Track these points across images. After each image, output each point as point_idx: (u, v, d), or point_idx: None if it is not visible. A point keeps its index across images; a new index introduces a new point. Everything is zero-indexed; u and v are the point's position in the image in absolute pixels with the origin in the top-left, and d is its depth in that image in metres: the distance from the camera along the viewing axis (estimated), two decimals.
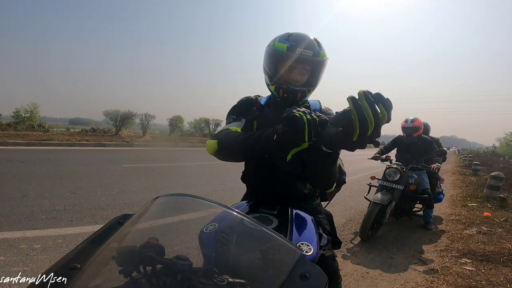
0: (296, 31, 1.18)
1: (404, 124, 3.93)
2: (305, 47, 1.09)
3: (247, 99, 1.27)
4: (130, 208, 3.66)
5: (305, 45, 1.10)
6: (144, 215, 0.73)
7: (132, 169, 6.53)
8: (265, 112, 1.21)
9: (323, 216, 1.22)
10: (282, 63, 1.14)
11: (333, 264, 1.05)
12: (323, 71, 1.17)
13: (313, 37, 1.14)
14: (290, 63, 1.12)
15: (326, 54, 1.15)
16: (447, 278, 2.42)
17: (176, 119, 25.76)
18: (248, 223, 0.71)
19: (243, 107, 1.24)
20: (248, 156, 1.12)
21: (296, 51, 1.09)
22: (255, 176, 1.22)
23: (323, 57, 1.13)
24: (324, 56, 1.13)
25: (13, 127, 14.95)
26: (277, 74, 1.15)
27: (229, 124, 1.18)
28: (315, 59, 1.11)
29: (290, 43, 1.11)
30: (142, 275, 0.62)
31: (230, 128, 1.14)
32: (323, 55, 1.13)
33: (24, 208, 3.26)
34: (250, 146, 0.99)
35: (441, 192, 4.50)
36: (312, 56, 1.10)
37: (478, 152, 26.60)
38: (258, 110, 1.22)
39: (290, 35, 1.14)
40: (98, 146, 11.24)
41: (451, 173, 11.31)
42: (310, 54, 1.09)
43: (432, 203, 3.82)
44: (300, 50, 1.09)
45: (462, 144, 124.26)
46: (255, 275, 0.67)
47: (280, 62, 1.14)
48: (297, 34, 1.14)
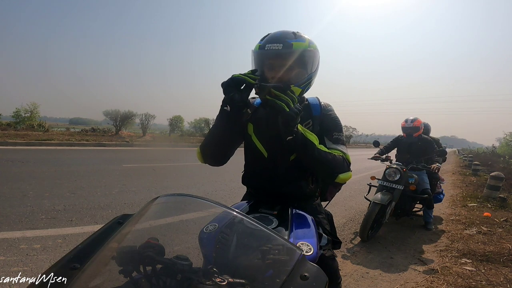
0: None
1: (404, 124, 3.92)
2: (273, 41, 1.04)
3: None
4: (130, 208, 3.66)
5: (275, 39, 1.05)
6: (144, 215, 0.73)
7: (132, 169, 6.53)
8: (259, 113, 1.19)
9: (323, 216, 1.22)
10: (256, 63, 1.11)
11: (333, 264, 1.05)
12: (303, 63, 1.09)
13: (292, 31, 1.09)
14: (261, 61, 1.09)
15: (305, 45, 1.07)
16: (447, 278, 2.42)
17: (176, 119, 25.77)
18: (248, 223, 0.71)
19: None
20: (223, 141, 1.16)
21: (265, 47, 1.05)
22: (257, 176, 1.21)
23: (297, 48, 1.05)
24: (299, 47, 1.05)
25: (13, 127, 14.96)
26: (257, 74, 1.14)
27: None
28: (286, 51, 1.04)
29: (262, 42, 1.08)
30: (142, 275, 0.62)
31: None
32: (298, 46, 1.05)
33: (24, 208, 3.26)
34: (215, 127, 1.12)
35: (441, 192, 4.49)
36: (282, 49, 1.03)
37: (478, 152, 26.60)
38: (252, 111, 1.19)
39: (267, 35, 1.10)
40: (98, 146, 11.24)
41: (451, 173, 11.31)
42: (279, 47, 1.03)
43: (432, 203, 3.81)
44: (268, 45, 1.04)
45: (462, 144, 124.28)
46: (255, 275, 0.67)
47: (255, 62, 1.11)
48: (272, 33, 1.10)
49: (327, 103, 1.22)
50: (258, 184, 1.22)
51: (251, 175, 1.25)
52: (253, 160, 1.23)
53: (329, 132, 1.15)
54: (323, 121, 1.16)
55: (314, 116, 1.16)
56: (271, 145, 1.15)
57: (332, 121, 1.17)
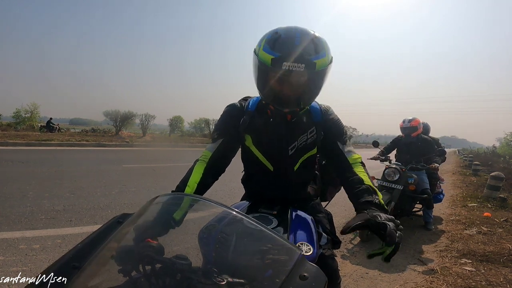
0: (288, 27, 0.95)
1: (402, 124, 3.91)
2: (294, 60, 0.87)
3: (231, 109, 1.15)
4: (130, 209, 3.65)
5: (294, 56, 0.88)
6: (144, 214, 0.73)
7: (132, 170, 6.52)
8: (256, 123, 1.11)
9: (323, 215, 1.21)
10: (268, 78, 0.95)
11: (333, 263, 1.05)
12: (322, 82, 0.98)
13: (310, 37, 0.91)
14: (277, 79, 0.94)
15: (326, 60, 0.93)
16: (447, 279, 2.42)
17: (176, 119, 25.76)
18: (247, 223, 0.71)
19: (226, 123, 1.13)
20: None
21: (282, 65, 0.88)
22: (262, 186, 1.18)
23: (321, 67, 0.91)
24: (323, 65, 0.92)
25: (13, 127, 14.96)
26: (264, 90, 1.00)
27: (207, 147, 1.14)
28: (308, 74, 0.90)
29: (275, 54, 0.90)
30: (141, 275, 0.62)
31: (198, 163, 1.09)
32: (322, 64, 0.91)
33: (24, 208, 3.25)
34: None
35: (441, 192, 4.48)
36: (305, 69, 0.88)
37: (478, 152, 26.56)
38: (247, 120, 1.10)
39: (277, 40, 0.91)
40: (98, 147, 11.24)
41: (451, 173, 11.30)
42: (301, 68, 0.88)
43: (431, 203, 3.80)
44: (287, 64, 0.87)
45: (462, 144, 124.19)
46: (255, 275, 0.67)
47: (266, 76, 0.96)
48: (285, 37, 0.91)
49: (326, 106, 1.17)
50: (262, 191, 1.19)
51: (254, 183, 1.23)
52: (257, 172, 1.19)
53: (340, 137, 1.10)
54: (327, 126, 1.12)
55: (316, 123, 1.11)
56: (275, 158, 1.13)
57: (337, 125, 1.13)
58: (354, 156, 1.07)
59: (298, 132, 1.10)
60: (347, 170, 1.03)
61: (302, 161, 1.14)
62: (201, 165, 1.08)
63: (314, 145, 1.13)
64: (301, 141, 1.10)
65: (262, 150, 1.13)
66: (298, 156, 1.13)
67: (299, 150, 1.11)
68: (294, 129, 1.10)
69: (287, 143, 1.10)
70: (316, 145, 1.13)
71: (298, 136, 1.10)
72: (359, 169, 1.03)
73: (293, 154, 1.12)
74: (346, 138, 1.12)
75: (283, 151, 1.11)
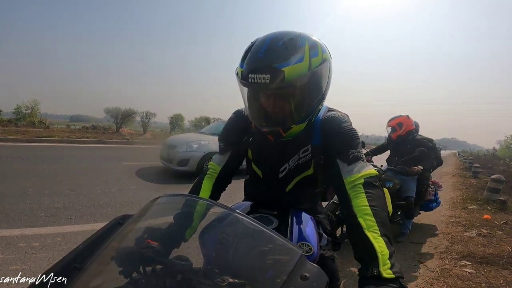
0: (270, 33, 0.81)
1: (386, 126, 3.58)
2: (257, 71, 0.75)
3: (237, 118, 1.09)
4: (130, 207, 3.65)
5: (257, 66, 0.75)
6: (145, 215, 0.73)
7: (132, 167, 6.52)
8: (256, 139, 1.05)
9: (324, 216, 1.21)
10: (243, 95, 0.87)
11: (333, 264, 1.05)
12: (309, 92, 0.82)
13: (281, 42, 0.76)
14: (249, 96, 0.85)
15: (303, 66, 0.76)
16: (446, 280, 2.42)
17: (177, 117, 25.76)
18: (248, 223, 0.70)
19: (234, 134, 1.09)
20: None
21: (248, 78, 0.76)
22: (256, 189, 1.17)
23: (294, 76, 0.74)
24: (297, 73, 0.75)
25: (14, 123, 14.97)
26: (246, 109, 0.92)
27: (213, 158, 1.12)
28: (279, 84, 0.74)
29: (243, 66, 0.79)
30: (142, 276, 0.62)
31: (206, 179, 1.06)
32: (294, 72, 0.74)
33: (23, 206, 3.25)
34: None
35: (433, 200, 3.87)
36: (271, 81, 0.73)
37: (478, 155, 26.57)
38: (252, 133, 1.05)
39: (248, 51, 0.81)
40: (98, 144, 11.23)
41: (451, 175, 11.29)
42: (266, 79, 0.73)
43: (411, 213, 3.39)
44: (251, 76, 0.75)
45: (463, 146, 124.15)
46: (256, 275, 0.67)
47: (242, 93, 0.87)
48: (255, 46, 0.79)
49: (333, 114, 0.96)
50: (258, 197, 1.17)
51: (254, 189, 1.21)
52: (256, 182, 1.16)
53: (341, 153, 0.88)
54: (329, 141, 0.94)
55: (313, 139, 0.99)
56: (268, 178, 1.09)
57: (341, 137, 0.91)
58: (353, 177, 0.82)
59: (290, 152, 1.00)
60: (347, 206, 0.81)
61: (296, 182, 1.05)
62: (209, 181, 1.07)
63: (309, 165, 1.01)
64: (292, 163, 1.02)
65: (259, 167, 1.11)
66: (290, 178, 1.04)
67: (292, 171, 1.03)
68: (287, 149, 1.01)
69: (278, 165, 1.04)
70: (311, 165, 1.01)
71: (290, 157, 1.01)
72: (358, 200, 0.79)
73: (284, 177, 1.05)
74: (353, 154, 0.86)
75: (274, 173, 1.06)
